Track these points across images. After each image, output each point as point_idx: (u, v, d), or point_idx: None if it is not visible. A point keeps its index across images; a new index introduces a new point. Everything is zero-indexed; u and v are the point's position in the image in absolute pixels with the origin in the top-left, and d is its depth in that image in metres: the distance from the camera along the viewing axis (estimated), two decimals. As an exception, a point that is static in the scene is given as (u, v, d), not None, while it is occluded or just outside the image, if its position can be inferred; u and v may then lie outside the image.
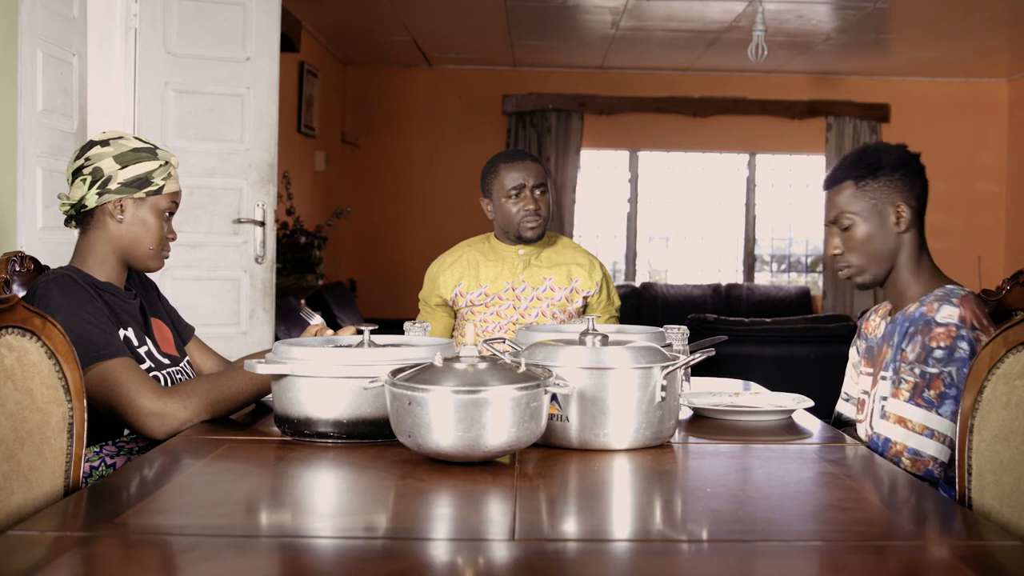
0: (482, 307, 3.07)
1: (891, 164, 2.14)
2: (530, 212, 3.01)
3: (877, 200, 2.13)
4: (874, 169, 2.14)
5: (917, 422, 1.98)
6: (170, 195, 2.20)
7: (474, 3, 6.53)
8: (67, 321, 1.91)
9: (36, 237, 3.20)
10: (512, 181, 3.03)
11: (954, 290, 2.08)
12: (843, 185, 2.16)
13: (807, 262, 9.36)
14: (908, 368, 2.02)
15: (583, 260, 3.13)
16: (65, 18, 3.41)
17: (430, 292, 3.16)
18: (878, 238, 2.14)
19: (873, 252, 2.15)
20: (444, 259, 3.17)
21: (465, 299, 3.08)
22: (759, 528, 1.42)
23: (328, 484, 1.67)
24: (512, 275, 3.07)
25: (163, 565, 1.27)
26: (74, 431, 1.73)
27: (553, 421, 1.77)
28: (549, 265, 3.10)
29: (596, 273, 3.13)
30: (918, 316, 2.05)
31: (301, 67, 7.16)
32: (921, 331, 2.02)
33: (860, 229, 2.15)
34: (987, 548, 1.35)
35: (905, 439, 1.98)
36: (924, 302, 2.07)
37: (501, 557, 1.27)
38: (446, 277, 3.11)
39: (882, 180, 2.14)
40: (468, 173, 8.90)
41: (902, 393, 2.01)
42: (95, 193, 2.13)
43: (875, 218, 2.14)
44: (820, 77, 8.74)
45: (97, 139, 2.18)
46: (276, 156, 4.23)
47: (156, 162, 2.17)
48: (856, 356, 2.38)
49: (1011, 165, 8.72)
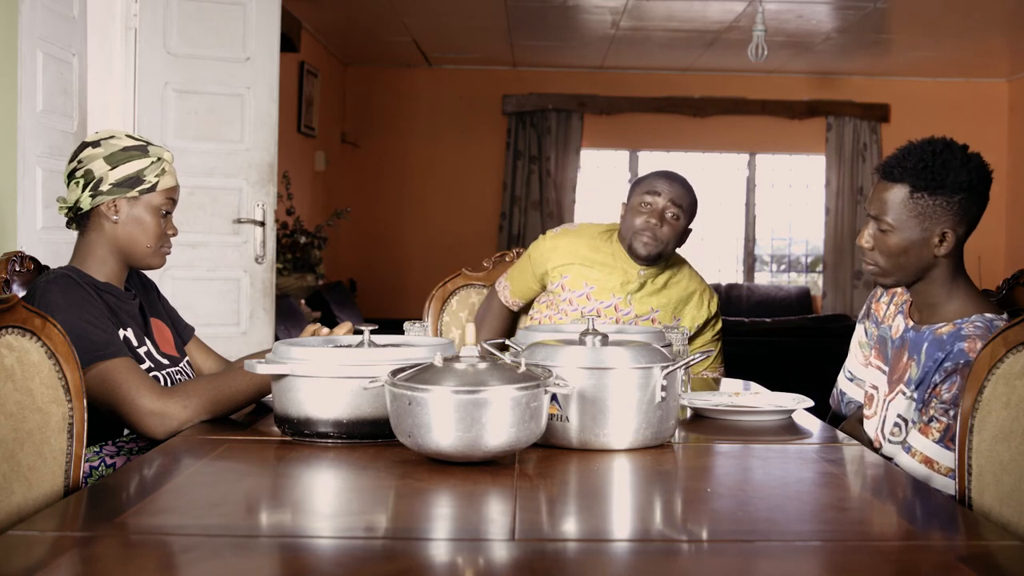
0: (578, 311, 2.88)
1: (955, 185, 1.95)
2: (650, 227, 2.78)
3: (926, 217, 1.97)
4: (935, 186, 1.96)
5: (943, 464, 1.91)
6: (165, 191, 2.18)
7: (474, 3, 6.53)
8: (67, 321, 1.91)
9: (36, 237, 3.20)
10: (650, 188, 2.80)
11: (994, 323, 1.96)
12: (899, 185, 1.99)
13: (807, 262, 9.36)
14: (943, 409, 1.92)
15: (695, 294, 2.91)
16: (65, 18, 3.41)
17: (538, 262, 2.95)
18: (913, 254, 2.00)
19: (904, 264, 2.01)
20: (562, 239, 2.95)
21: (566, 293, 2.90)
22: (759, 528, 1.42)
23: (328, 484, 1.67)
24: (622, 290, 2.88)
25: (163, 565, 1.27)
26: (74, 431, 1.73)
27: (553, 421, 1.77)
28: (660, 293, 2.89)
29: (703, 312, 2.91)
30: (956, 352, 1.93)
31: (301, 67, 7.16)
32: (960, 372, 1.91)
33: (897, 238, 2.00)
34: (987, 548, 1.35)
35: (928, 478, 1.92)
36: (963, 333, 1.95)
37: (501, 557, 1.27)
38: (555, 256, 2.91)
39: (940, 199, 1.96)
40: (468, 173, 8.91)
41: (932, 432, 1.93)
42: (88, 195, 2.12)
43: (917, 234, 1.98)
44: (820, 77, 8.74)
45: (89, 140, 2.17)
46: (276, 156, 4.23)
47: (147, 159, 2.15)
48: (864, 336, 2.30)
49: (1011, 165, 8.72)
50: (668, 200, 2.78)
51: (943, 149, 1.99)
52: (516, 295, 3.06)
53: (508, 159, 8.86)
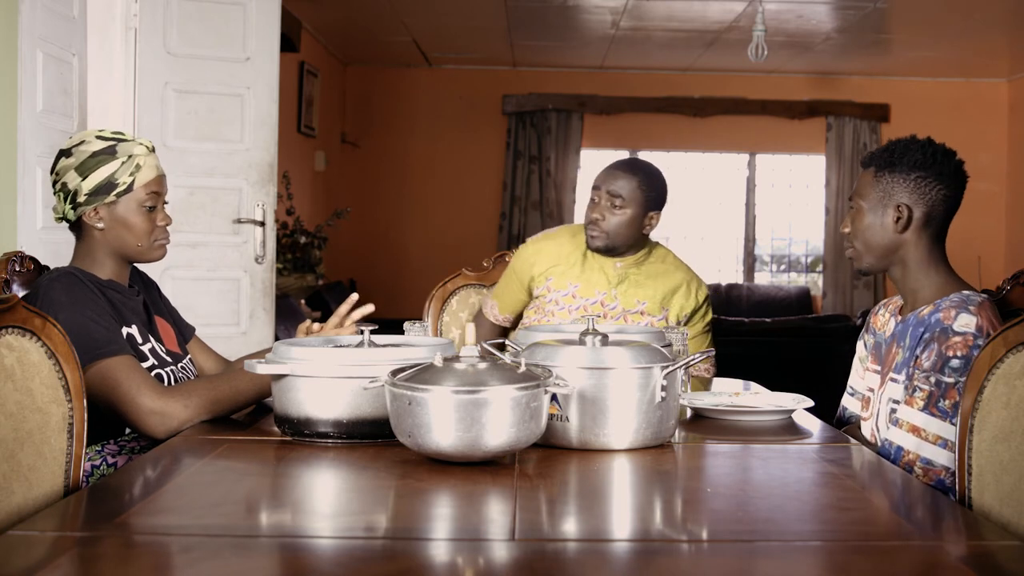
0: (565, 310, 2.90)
1: (910, 163, 2.10)
2: (593, 220, 2.86)
3: (885, 194, 2.12)
4: (892, 163, 2.12)
5: (931, 432, 1.93)
6: (144, 187, 2.13)
7: (474, 3, 6.53)
8: (70, 318, 1.91)
9: (36, 237, 3.20)
10: (594, 183, 2.90)
11: (971, 296, 2.03)
12: (868, 169, 2.16)
13: (807, 262, 9.36)
14: (923, 377, 1.97)
15: (682, 284, 2.94)
16: (65, 18, 3.41)
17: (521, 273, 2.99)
18: (875, 231, 2.14)
19: (869, 243, 2.16)
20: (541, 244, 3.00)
21: (552, 295, 2.93)
22: (759, 528, 1.42)
23: (328, 484, 1.67)
24: (607, 285, 2.90)
25: (163, 565, 1.27)
26: (74, 431, 1.73)
27: (553, 421, 1.77)
28: (645, 284, 2.91)
29: (691, 301, 2.92)
30: (934, 323, 2.00)
31: (301, 67, 7.16)
32: (937, 339, 1.97)
33: (863, 217, 2.15)
34: (987, 548, 1.35)
35: (918, 448, 1.94)
36: (940, 307, 2.02)
37: (501, 557, 1.27)
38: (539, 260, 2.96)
39: (897, 176, 2.11)
40: (468, 173, 8.91)
41: (916, 402, 1.97)
42: (69, 207, 2.12)
43: (878, 211, 2.13)
44: (820, 77, 8.74)
45: (64, 146, 2.14)
46: (276, 156, 4.23)
47: (117, 161, 2.10)
48: (863, 351, 2.34)
49: (1011, 165, 8.72)
50: (606, 192, 2.87)
51: (912, 138, 2.16)
52: (505, 311, 3.07)
53: (508, 159, 8.87)
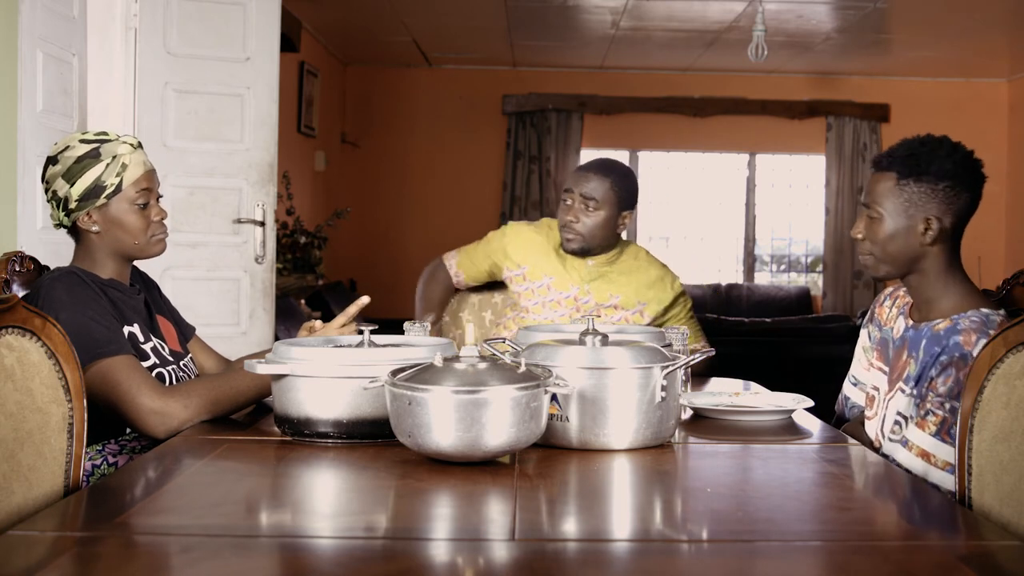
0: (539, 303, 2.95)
1: (939, 172, 2.01)
2: (566, 223, 2.93)
3: (911, 204, 2.02)
4: (919, 172, 2.01)
5: (940, 458, 1.92)
6: (133, 185, 2.12)
7: (474, 3, 6.52)
8: (71, 318, 1.91)
9: (36, 237, 3.20)
10: (566, 186, 2.96)
11: (990, 317, 1.98)
12: (887, 174, 2.05)
13: (807, 262, 9.36)
14: (938, 402, 1.94)
15: (656, 280, 2.99)
16: (65, 18, 3.41)
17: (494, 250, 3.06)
18: (900, 241, 2.04)
19: (892, 252, 2.06)
20: (523, 230, 3.06)
21: (527, 284, 2.97)
22: (759, 528, 1.42)
23: (328, 484, 1.67)
24: (580, 280, 2.96)
25: (163, 565, 1.27)
26: (74, 431, 1.73)
27: (553, 421, 1.77)
28: (618, 281, 2.96)
29: (667, 294, 2.99)
30: (952, 345, 1.95)
31: (301, 67, 7.16)
32: (955, 364, 1.93)
33: (886, 226, 2.05)
34: (987, 548, 1.35)
35: (925, 473, 1.92)
36: (959, 327, 1.97)
37: (501, 557, 1.27)
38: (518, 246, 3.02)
39: (924, 186, 2.01)
40: (468, 173, 8.91)
41: (928, 426, 1.94)
42: (62, 214, 2.12)
43: (904, 221, 2.03)
44: (820, 77, 8.74)
45: (51, 153, 2.14)
46: (276, 156, 4.23)
47: (101, 164, 2.09)
48: (868, 341, 2.31)
49: (1011, 165, 8.72)
50: (579, 195, 2.93)
51: (931, 140, 2.07)
52: (462, 269, 3.17)
53: (508, 159, 8.87)
